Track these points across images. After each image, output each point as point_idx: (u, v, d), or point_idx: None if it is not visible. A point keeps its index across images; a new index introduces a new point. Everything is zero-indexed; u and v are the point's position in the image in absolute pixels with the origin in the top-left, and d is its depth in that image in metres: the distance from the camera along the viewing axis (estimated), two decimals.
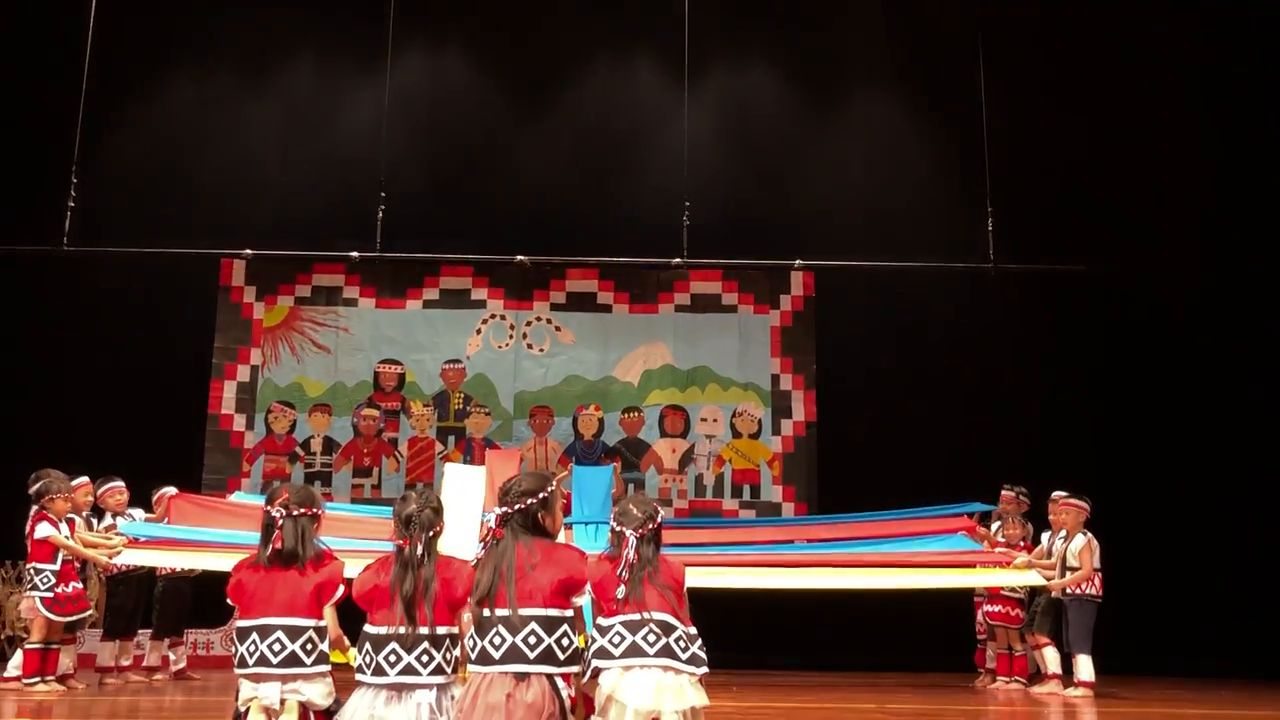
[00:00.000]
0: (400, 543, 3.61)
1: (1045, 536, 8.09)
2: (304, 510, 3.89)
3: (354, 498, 10.19)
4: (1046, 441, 9.93)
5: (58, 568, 6.83)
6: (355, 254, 9.62)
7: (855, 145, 11.02)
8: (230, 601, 3.92)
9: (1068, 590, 7.64)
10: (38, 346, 10.27)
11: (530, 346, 10.75)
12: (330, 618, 3.83)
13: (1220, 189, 10.53)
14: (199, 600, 7.95)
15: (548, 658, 3.41)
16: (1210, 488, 9.94)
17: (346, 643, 3.84)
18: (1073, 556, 7.68)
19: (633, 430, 10.58)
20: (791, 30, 11.13)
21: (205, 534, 7.06)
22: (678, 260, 9.29)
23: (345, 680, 3.72)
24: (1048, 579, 7.46)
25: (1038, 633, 7.92)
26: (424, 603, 3.51)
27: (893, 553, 7.24)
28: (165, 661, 8.02)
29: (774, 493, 10.43)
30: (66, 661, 6.99)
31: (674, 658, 3.56)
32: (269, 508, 3.90)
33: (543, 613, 3.45)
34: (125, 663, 7.67)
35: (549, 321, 10.80)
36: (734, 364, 10.68)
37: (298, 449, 10.48)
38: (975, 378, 10.35)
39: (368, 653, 3.51)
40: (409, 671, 3.47)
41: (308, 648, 3.74)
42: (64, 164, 8.79)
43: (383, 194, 8.99)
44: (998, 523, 8.38)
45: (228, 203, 10.63)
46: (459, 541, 5.19)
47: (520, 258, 9.96)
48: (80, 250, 8.95)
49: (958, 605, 8.64)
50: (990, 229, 9.04)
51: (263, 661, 3.70)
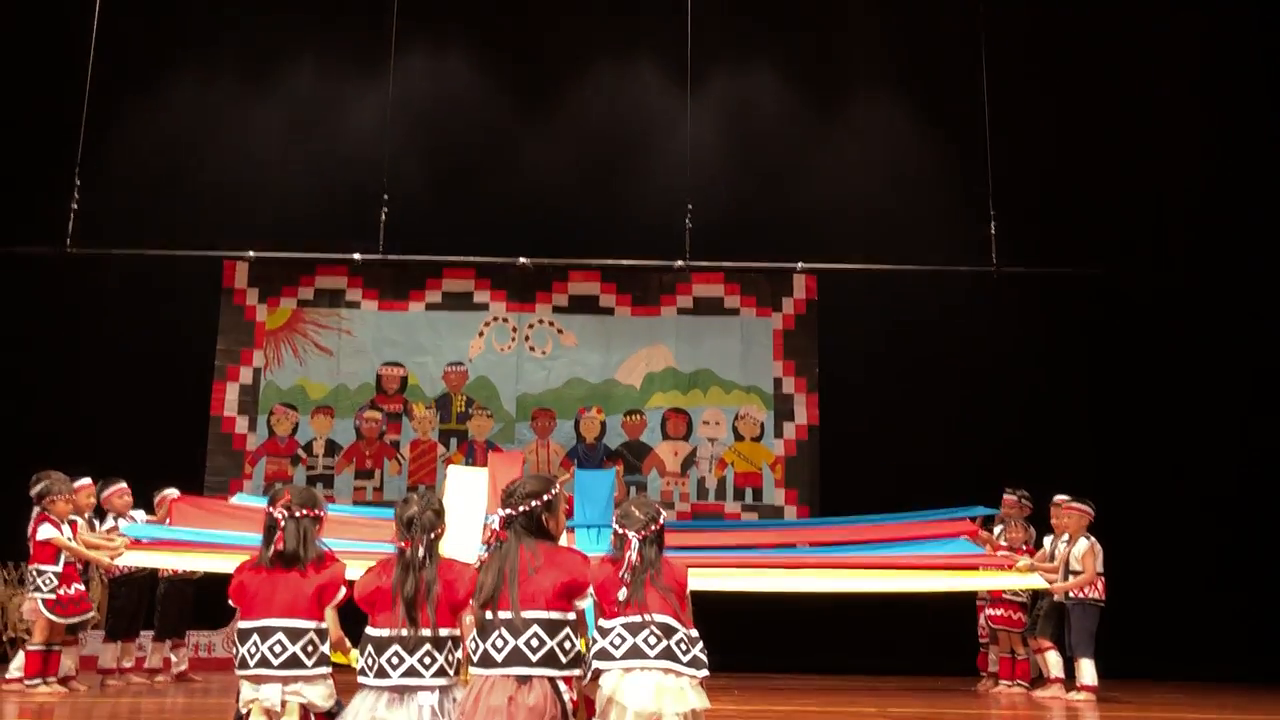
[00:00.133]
0: (402, 545, 3.61)
1: (1048, 540, 8.08)
2: (306, 512, 3.90)
3: (356, 500, 10.19)
4: (1048, 445, 9.92)
5: (60, 569, 6.84)
6: (358, 256, 9.65)
7: (857, 148, 11.00)
8: (232, 603, 3.93)
9: (1070, 594, 7.64)
10: (40, 348, 10.25)
11: (532, 349, 10.74)
12: (331, 619, 3.84)
13: (1220, 192, 10.52)
14: (201, 602, 7.96)
15: (550, 661, 3.41)
16: (1211, 491, 9.92)
17: (348, 644, 3.84)
18: (1075, 560, 7.68)
19: (635, 433, 10.57)
20: (794, 33, 11.14)
21: (207, 535, 7.02)
22: (680, 263, 9.30)
23: (346, 682, 3.72)
24: (1050, 582, 7.45)
25: (1040, 636, 7.92)
26: (426, 605, 3.51)
27: (895, 555, 7.22)
28: (167, 663, 8.02)
29: (776, 496, 10.41)
30: (68, 663, 6.99)
31: (675, 660, 3.56)
32: (271, 509, 3.90)
33: (545, 615, 3.44)
34: (127, 664, 7.67)
35: (551, 324, 10.79)
36: (736, 367, 10.66)
37: (300, 451, 10.47)
38: (977, 381, 10.33)
39: (370, 655, 3.51)
40: (412, 674, 3.47)
41: (309, 649, 3.74)
42: (67, 166, 8.81)
43: (385, 196, 9.01)
44: (1000, 526, 8.38)
45: (230, 205, 10.63)
46: (461, 544, 5.18)
47: (522, 260, 9.97)
48: (83, 252, 8.98)
49: (960, 609, 8.61)
50: (993, 232, 9.04)
51: (264, 663, 3.71)
